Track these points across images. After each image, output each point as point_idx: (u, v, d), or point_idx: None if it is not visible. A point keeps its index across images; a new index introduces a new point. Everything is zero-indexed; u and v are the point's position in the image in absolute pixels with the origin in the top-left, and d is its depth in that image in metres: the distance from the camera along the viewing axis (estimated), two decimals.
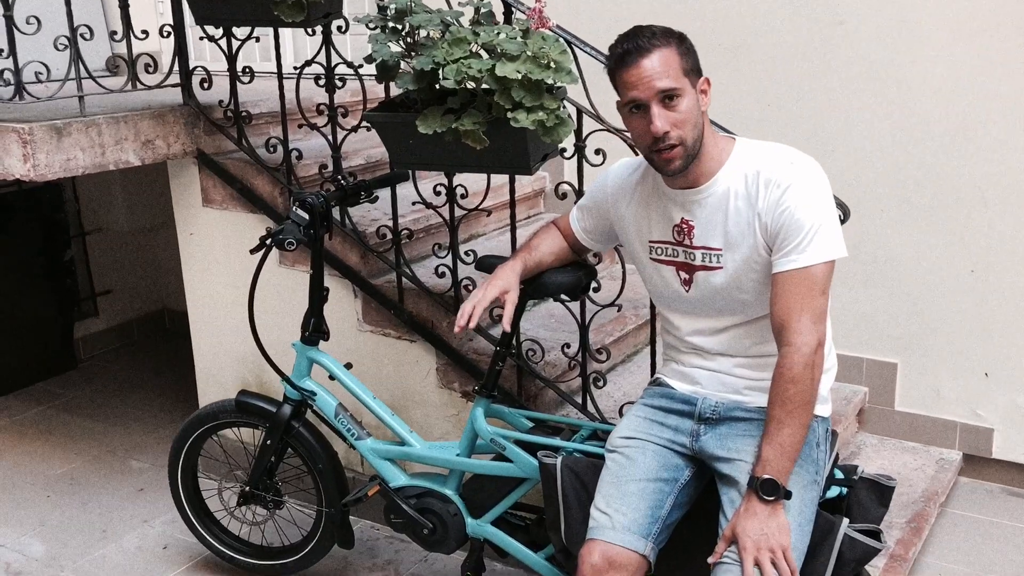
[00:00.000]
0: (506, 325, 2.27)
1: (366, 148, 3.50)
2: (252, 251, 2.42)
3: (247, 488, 2.87)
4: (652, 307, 2.70)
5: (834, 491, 2.14)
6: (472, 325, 2.26)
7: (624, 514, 1.97)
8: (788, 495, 1.88)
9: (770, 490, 1.85)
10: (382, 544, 3.22)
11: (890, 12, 3.21)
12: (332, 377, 2.74)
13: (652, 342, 2.71)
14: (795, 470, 1.91)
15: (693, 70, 1.95)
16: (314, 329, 2.69)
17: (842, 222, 2.06)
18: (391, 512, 2.66)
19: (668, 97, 1.91)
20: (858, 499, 2.15)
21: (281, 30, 3.05)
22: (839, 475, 2.18)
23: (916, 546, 2.91)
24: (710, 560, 1.88)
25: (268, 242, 2.40)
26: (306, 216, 2.45)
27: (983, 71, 3.13)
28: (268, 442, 2.79)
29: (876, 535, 2.03)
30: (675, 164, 1.95)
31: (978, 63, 3.13)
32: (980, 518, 3.22)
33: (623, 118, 2.02)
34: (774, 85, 3.44)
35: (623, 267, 2.63)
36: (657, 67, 1.89)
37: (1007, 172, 3.16)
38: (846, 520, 2.01)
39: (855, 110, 3.33)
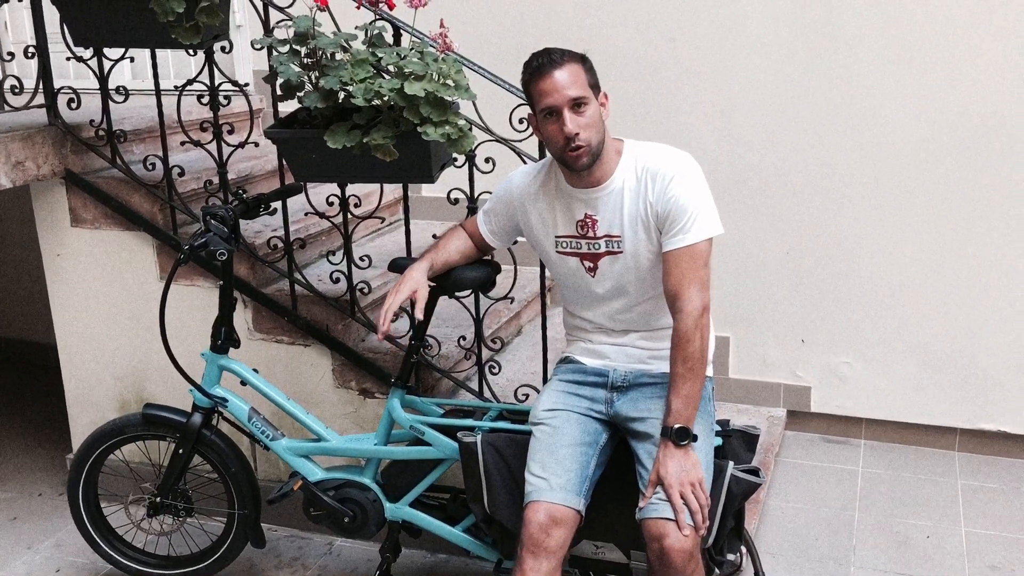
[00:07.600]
0: (418, 313, 2.55)
1: (234, 163, 3.58)
2: (181, 262, 2.50)
3: (157, 498, 2.93)
4: (543, 296, 3.03)
5: (717, 441, 2.53)
6: (387, 328, 2.50)
7: (559, 476, 2.26)
8: (695, 438, 2.24)
9: (683, 435, 2.20)
10: (283, 544, 3.34)
11: (713, 31, 3.70)
12: (243, 383, 2.85)
13: (543, 327, 3.00)
14: (697, 420, 2.27)
15: (594, 85, 2.29)
16: (225, 337, 2.79)
17: None
18: (311, 506, 2.81)
19: (577, 104, 2.23)
20: (732, 447, 2.54)
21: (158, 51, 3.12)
22: (717, 428, 2.57)
23: (764, 490, 3.39)
24: (641, 504, 2.20)
25: (202, 253, 2.48)
26: (225, 228, 2.56)
27: (791, 81, 3.67)
28: (180, 451, 2.86)
29: (755, 473, 2.43)
30: (583, 161, 2.26)
31: (787, 75, 3.67)
32: (807, 463, 3.77)
33: (537, 125, 2.32)
34: (617, 95, 3.82)
35: (515, 266, 2.91)
36: (567, 78, 2.22)
37: (814, 167, 3.72)
38: (731, 462, 2.40)
39: (684, 115, 3.80)
